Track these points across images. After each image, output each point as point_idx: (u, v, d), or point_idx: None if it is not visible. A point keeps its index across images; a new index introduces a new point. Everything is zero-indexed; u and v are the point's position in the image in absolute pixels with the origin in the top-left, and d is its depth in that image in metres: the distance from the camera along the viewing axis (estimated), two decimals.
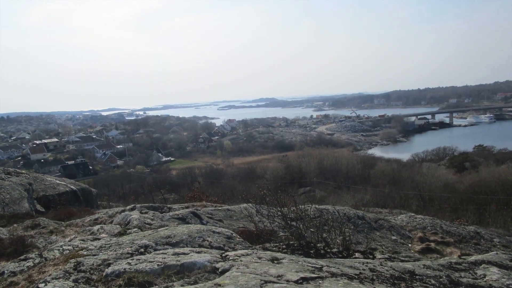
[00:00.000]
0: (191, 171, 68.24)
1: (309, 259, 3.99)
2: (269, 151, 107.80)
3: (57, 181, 14.75)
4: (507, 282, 3.84)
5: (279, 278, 3.11)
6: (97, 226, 6.76)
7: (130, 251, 4.29)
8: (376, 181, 45.85)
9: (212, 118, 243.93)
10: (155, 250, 4.39)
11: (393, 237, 9.15)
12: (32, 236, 6.55)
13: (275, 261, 3.74)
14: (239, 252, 4.13)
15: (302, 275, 3.19)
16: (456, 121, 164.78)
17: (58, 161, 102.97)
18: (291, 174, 56.62)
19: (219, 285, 2.98)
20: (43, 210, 11.57)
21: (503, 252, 5.85)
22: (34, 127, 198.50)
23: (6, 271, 4.15)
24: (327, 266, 3.61)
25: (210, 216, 8.24)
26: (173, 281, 3.35)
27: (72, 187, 14.26)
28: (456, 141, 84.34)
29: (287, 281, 3.06)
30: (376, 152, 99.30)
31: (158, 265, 3.59)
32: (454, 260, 4.60)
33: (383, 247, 8.00)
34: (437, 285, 3.67)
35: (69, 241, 5.29)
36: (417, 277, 3.80)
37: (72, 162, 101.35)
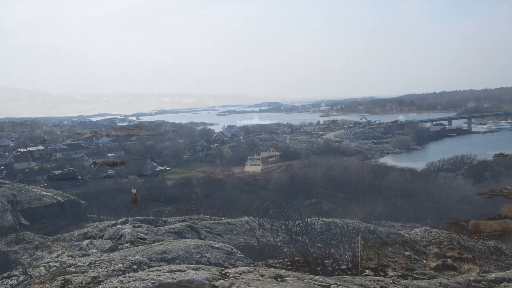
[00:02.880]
0: (188, 181, 68.32)
1: (316, 277, 3.99)
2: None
3: (43, 192, 14.80)
4: None
5: None
6: (87, 241, 6.78)
7: (122, 268, 4.29)
8: (388, 192, 45.84)
9: (211, 124, 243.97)
10: (149, 266, 4.40)
11: (407, 253, 9.12)
12: (16, 251, 6.56)
13: (279, 279, 3.74)
14: (240, 269, 4.13)
15: None
16: (474, 127, 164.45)
17: (44, 171, 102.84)
18: (297, 185, 56.62)
19: None
20: (28, 223, 11.59)
21: None
22: (18, 133, 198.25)
23: None
24: (335, 284, 3.61)
25: (209, 230, 8.25)
26: None
27: (59, 198, 14.29)
28: (474, 149, 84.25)
29: None
30: (388, 161, 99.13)
31: (152, 283, 3.60)
32: (473, 278, 4.59)
33: (396, 264, 7.97)
34: None
35: (56, 257, 5.30)
36: None
37: (60, 171, 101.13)
